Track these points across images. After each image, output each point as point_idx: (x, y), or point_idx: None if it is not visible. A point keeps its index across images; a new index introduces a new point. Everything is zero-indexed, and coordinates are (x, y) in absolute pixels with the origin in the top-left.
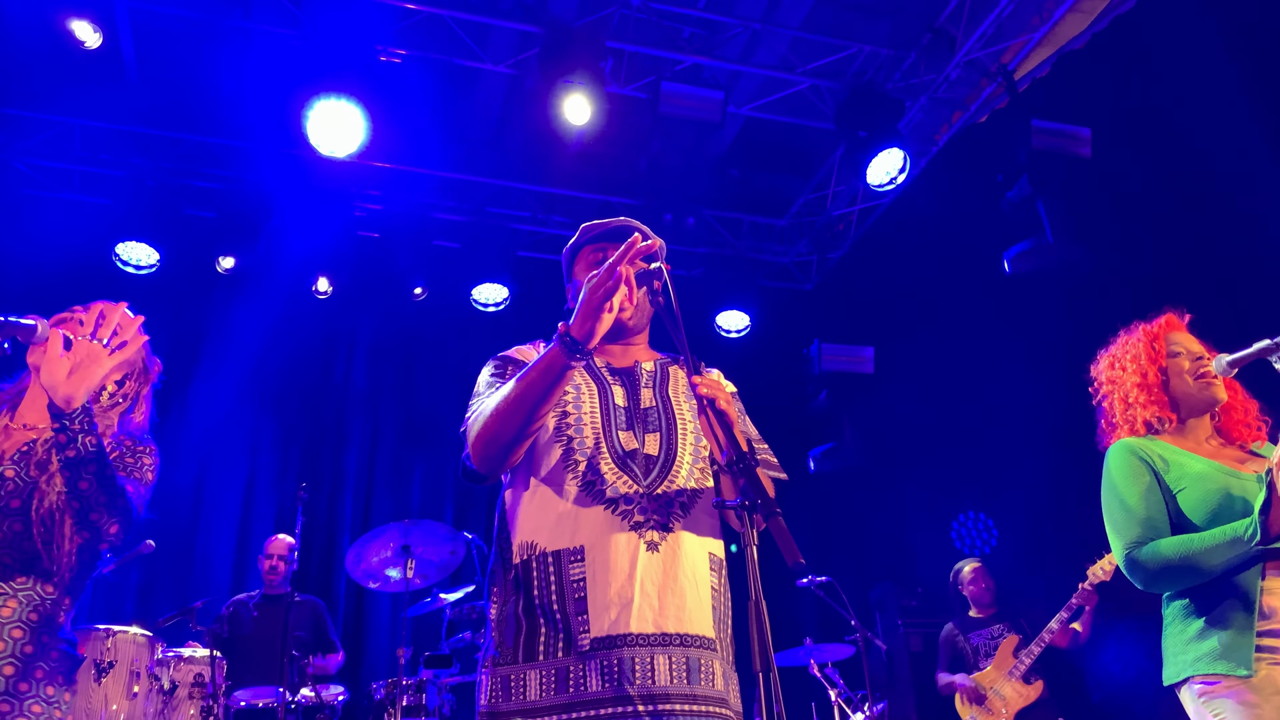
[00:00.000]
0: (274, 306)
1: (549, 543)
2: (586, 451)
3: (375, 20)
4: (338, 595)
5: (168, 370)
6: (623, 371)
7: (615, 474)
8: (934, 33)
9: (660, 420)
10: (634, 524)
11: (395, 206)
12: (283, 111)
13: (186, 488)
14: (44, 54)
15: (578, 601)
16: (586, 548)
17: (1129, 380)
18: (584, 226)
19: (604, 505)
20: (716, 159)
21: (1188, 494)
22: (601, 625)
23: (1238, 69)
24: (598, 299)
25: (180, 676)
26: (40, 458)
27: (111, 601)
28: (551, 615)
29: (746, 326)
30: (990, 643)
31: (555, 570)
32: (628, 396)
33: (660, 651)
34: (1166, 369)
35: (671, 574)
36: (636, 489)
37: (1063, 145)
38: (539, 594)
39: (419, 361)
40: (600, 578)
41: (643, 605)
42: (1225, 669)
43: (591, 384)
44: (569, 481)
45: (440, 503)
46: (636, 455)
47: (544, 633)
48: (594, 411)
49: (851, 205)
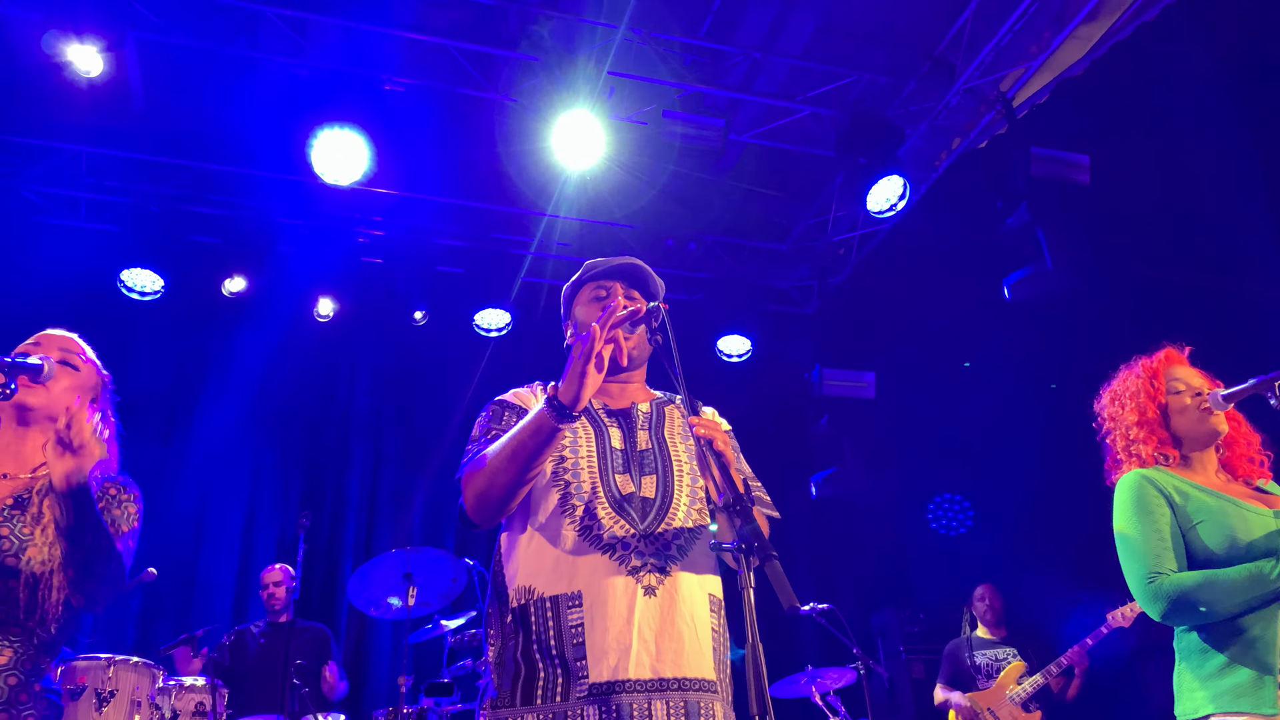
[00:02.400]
0: (277, 332)
1: (547, 587)
2: (584, 496)
3: (380, 50)
4: (339, 622)
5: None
6: (619, 413)
7: (612, 518)
8: (933, 60)
9: (656, 462)
10: (631, 569)
11: (398, 232)
12: (287, 139)
13: (188, 514)
14: (51, 82)
15: (576, 647)
16: (584, 593)
17: (1129, 418)
18: (587, 264)
19: (601, 550)
20: (717, 185)
21: (1205, 527)
22: (600, 672)
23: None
24: (581, 366)
25: (182, 705)
26: (35, 510)
27: (112, 630)
28: (550, 660)
29: (748, 351)
30: (994, 664)
31: (554, 615)
32: (624, 439)
33: (658, 697)
34: (1166, 405)
35: (669, 618)
36: (633, 532)
37: (1062, 172)
38: (538, 639)
39: (421, 387)
40: (598, 624)
41: (640, 651)
42: (1249, 708)
43: (589, 427)
44: (566, 526)
45: (441, 529)
46: (633, 498)
47: (542, 677)
48: (591, 455)
49: (852, 231)
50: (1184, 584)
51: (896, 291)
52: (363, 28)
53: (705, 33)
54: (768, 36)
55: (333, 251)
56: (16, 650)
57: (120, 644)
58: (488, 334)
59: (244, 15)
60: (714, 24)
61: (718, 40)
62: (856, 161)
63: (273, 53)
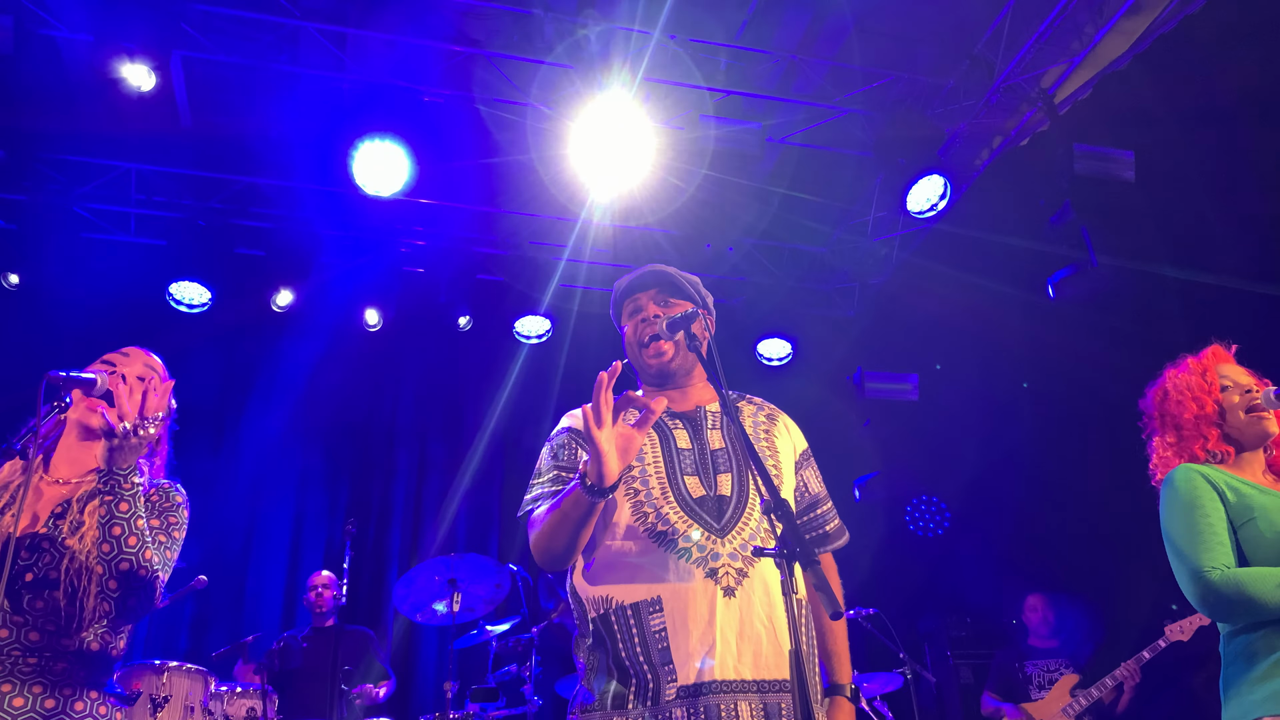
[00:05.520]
0: (321, 342)
1: (625, 595)
2: (654, 502)
3: (418, 62)
4: (385, 628)
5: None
6: (685, 415)
7: (685, 522)
8: (972, 59)
9: (730, 460)
10: (709, 570)
11: (439, 242)
12: (329, 152)
13: (238, 523)
14: (102, 102)
15: (661, 652)
16: (664, 598)
17: (1185, 414)
18: (617, 282)
19: (676, 554)
20: (755, 189)
21: (1257, 524)
22: (687, 674)
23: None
24: (592, 449)
25: (233, 711)
26: (75, 518)
27: (165, 636)
28: (639, 666)
29: (789, 354)
30: (1046, 675)
31: (636, 622)
32: (693, 439)
33: (742, 698)
34: (1221, 401)
35: (748, 619)
36: (708, 534)
37: (1106, 169)
38: (623, 646)
39: (463, 395)
40: (681, 628)
41: (724, 653)
42: None
43: (654, 433)
44: (640, 533)
45: (485, 535)
46: (706, 500)
47: (632, 683)
48: (657, 461)
49: (892, 232)
50: (1240, 580)
51: (938, 293)
52: (402, 40)
53: (741, 36)
54: (805, 38)
55: (375, 262)
56: (62, 662)
57: (172, 650)
58: (528, 341)
59: (286, 31)
60: (750, 27)
61: (754, 44)
62: (896, 162)
63: (314, 67)
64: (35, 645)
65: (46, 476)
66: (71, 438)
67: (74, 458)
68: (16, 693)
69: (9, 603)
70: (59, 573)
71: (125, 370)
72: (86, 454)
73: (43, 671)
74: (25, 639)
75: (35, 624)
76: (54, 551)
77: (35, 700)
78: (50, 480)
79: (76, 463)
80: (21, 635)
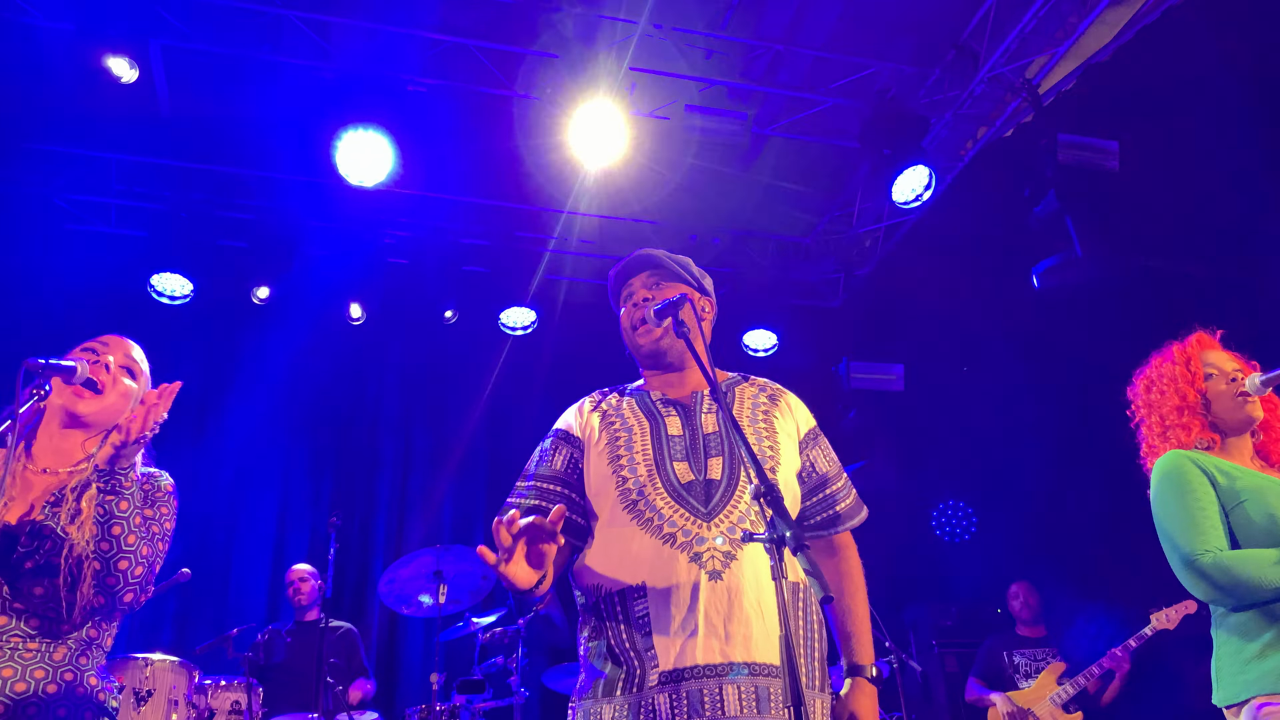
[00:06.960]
0: (305, 334)
1: (613, 582)
2: (642, 489)
3: (402, 51)
4: (371, 621)
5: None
6: (678, 402)
7: (671, 507)
8: (957, 49)
9: (723, 444)
10: (694, 555)
11: (423, 233)
12: (312, 142)
13: (221, 516)
14: (81, 92)
15: (644, 637)
16: (648, 584)
17: (1168, 403)
18: (611, 270)
19: (661, 539)
20: (740, 179)
21: (1248, 507)
22: (669, 659)
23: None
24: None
25: (218, 704)
26: (72, 507)
27: (148, 629)
28: (626, 652)
29: (774, 345)
30: (1034, 664)
31: (622, 608)
32: (684, 425)
33: (728, 682)
34: (1205, 390)
35: (737, 602)
36: (694, 519)
37: (1090, 159)
38: (613, 633)
39: (448, 386)
40: (663, 612)
41: (708, 636)
42: None
43: (643, 419)
44: (627, 520)
45: (471, 527)
46: (694, 485)
47: (620, 669)
48: (646, 448)
49: (877, 222)
50: (1229, 562)
51: (923, 283)
52: (385, 29)
53: (727, 26)
54: (790, 28)
55: (359, 253)
56: (70, 645)
57: (156, 643)
58: (513, 332)
59: (268, 20)
60: (735, 17)
61: (739, 33)
62: (881, 152)
63: (296, 56)
64: (35, 631)
65: (31, 465)
66: (53, 425)
67: (57, 446)
68: (18, 678)
69: (9, 589)
70: (60, 560)
71: (107, 358)
72: (69, 442)
73: (44, 657)
74: (26, 625)
75: (36, 610)
76: (54, 539)
77: (37, 685)
78: (37, 470)
79: (60, 452)
80: (22, 621)
